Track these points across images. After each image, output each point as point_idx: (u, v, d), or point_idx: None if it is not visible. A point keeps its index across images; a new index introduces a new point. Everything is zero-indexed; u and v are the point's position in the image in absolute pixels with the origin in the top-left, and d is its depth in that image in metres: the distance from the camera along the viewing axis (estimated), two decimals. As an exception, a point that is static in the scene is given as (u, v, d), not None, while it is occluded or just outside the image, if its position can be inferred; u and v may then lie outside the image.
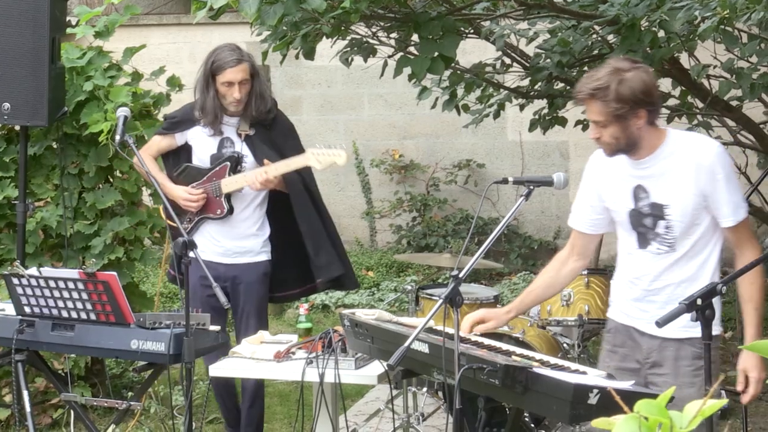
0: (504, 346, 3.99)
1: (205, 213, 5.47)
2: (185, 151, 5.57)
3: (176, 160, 5.59)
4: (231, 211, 5.44)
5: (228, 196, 5.42)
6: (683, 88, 6.35)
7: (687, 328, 3.69)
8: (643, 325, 3.91)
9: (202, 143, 5.50)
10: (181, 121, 5.55)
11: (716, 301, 3.55)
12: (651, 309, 3.87)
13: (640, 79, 3.73)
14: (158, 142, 5.60)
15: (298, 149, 5.50)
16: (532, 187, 3.82)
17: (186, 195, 5.44)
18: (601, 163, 3.98)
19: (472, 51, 8.00)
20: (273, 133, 5.55)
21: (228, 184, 5.39)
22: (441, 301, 3.56)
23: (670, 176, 3.80)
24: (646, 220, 3.88)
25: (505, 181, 3.88)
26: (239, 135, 5.45)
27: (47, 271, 4.87)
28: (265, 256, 5.51)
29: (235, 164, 5.43)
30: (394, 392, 5.57)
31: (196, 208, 5.45)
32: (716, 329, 3.75)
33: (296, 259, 5.57)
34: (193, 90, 5.55)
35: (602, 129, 3.76)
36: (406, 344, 3.51)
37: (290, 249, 5.56)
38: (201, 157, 5.51)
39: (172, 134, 5.56)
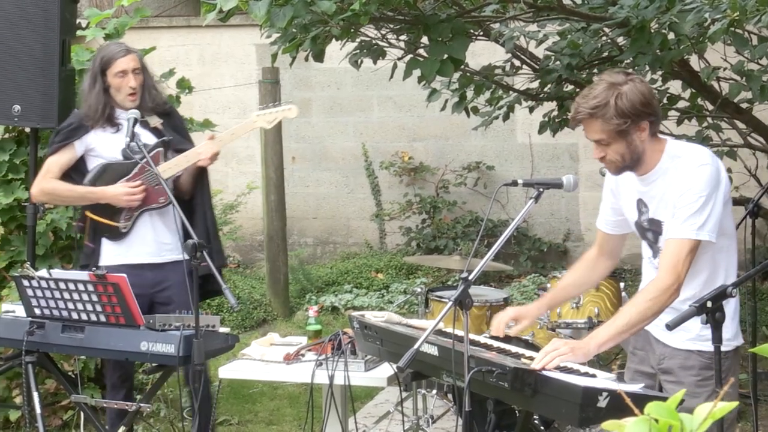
0: (513, 349, 3.99)
1: (146, 205, 5.25)
2: (82, 163, 5.33)
3: (78, 174, 5.31)
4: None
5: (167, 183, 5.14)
6: (693, 90, 6.35)
7: (695, 340, 3.73)
8: (658, 332, 3.91)
9: (107, 142, 5.25)
10: (78, 127, 5.29)
11: (732, 313, 3.56)
12: (664, 317, 3.84)
13: (637, 91, 3.67)
14: (58, 161, 5.28)
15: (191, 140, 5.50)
16: (541, 189, 3.81)
17: (127, 190, 5.20)
18: None
19: (481, 53, 8.00)
20: (174, 121, 5.47)
21: (167, 169, 5.13)
22: (450, 303, 3.56)
23: (665, 194, 3.75)
24: (648, 234, 3.88)
25: (514, 183, 3.87)
26: (144, 126, 5.24)
27: (57, 272, 4.88)
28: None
29: (166, 149, 5.25)
30: (404, 394, 5.57)
31: (140, 201, 5.22)
32: (731, 344, 3.75)
33: None
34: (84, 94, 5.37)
35: (605, 147, 3.71)
36: (416, 346, 3.51)
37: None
38: (110, 156, 5.27)
39: (71, 144, 5.28)
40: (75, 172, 5.33)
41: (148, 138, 5.25)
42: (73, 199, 5.50)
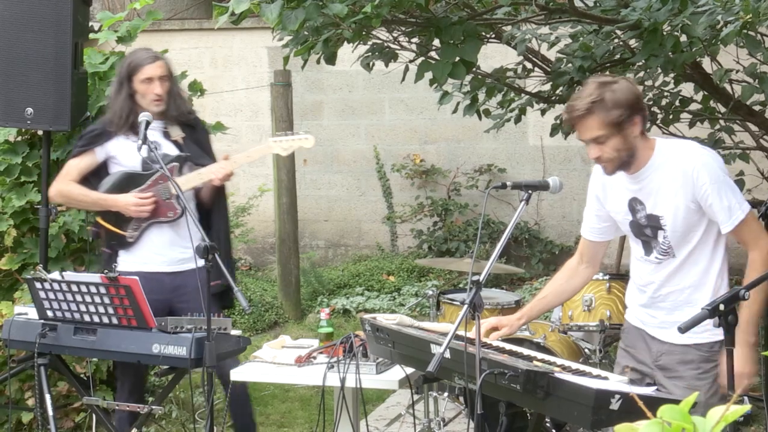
0: (525, 351, 3.99)
1: (155, 217, 5.24)
2: (104, 169, 5.33)
3: (97, 179, 5.32)
4: (183, 212, 5.14)
5: (177, 198, 5.11)
6: (705, 92, 6.32)
7: (693, 333, 3.71)
8: (652, 329, 4.01)
9: (128, 151, 5.21)
10: (101, 133, 5.29)
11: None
12: (659, 315, 3.99)
13: (626, 87, 3.80)
14: (77, 165, 5.31)
15: (213, 153, 5.48)
16: (530, 192, 3.86)
17: (136, 200, 5.18)
18: (601, 174, 4.04)
19: (493, 56, 8.00)
20: (197, 134, 5.45)
21: (179, 184, 5.01)
22: (465, 307, 3.56)
23: (662, 188, 3.85)
24: (647, 231, 3.94)
25: (503, 186, 3.93)
26: (166, 137, 5.28)
27: (70, 275, 4.89)
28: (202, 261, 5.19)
29: (183, 165, 5.26)
30: (415, 397, 5.56)
31: (148, 213, 5.21)
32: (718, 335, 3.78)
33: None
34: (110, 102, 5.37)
35: (602, 146, 3.80)
36: (441, 350, 3.51)
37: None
38: (131, 165, 5.27)
39: (92, 150, 5.29)
40: (94, 177, 5.33)
41: (168, 149, 5.29)
42: (85, 204, 5.50)
